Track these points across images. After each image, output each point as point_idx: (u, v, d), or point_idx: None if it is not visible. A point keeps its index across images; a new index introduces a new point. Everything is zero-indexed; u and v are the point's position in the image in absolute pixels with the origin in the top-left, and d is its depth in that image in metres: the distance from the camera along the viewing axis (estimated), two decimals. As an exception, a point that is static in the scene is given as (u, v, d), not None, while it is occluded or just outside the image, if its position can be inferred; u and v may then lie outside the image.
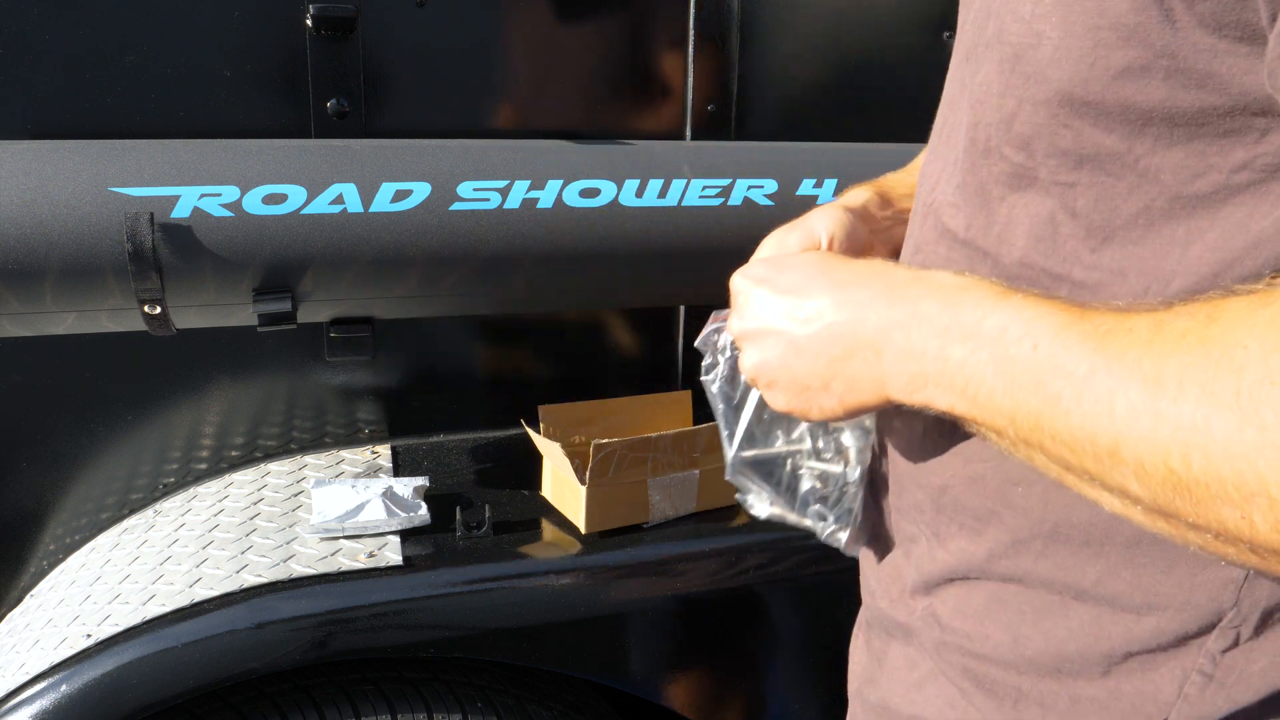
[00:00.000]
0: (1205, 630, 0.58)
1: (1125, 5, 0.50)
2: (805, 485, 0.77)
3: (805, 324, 0.62)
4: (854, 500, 0.74)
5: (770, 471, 0.77)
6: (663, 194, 1.26)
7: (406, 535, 1.27)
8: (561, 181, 1.22)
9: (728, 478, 0.76)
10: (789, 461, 0.77)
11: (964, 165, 0.63)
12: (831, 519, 0.74)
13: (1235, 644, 0.57)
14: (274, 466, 1.44)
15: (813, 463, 0.77)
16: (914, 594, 0.72)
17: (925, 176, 0.71)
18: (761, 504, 0.76)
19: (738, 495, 0.77)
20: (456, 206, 1.18)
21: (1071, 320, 0.50)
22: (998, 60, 0.59)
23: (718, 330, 0.79)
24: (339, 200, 1.13)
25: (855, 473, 0.75)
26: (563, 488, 1.34)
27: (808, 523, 0.77)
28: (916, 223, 0.71)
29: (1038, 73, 0.55)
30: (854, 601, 1.40)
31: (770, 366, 0.65)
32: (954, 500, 0.67)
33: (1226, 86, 0.49)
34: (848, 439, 0.76)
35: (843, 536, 0.74)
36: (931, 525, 0.69)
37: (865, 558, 0.81)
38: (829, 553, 1.44)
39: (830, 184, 1.34)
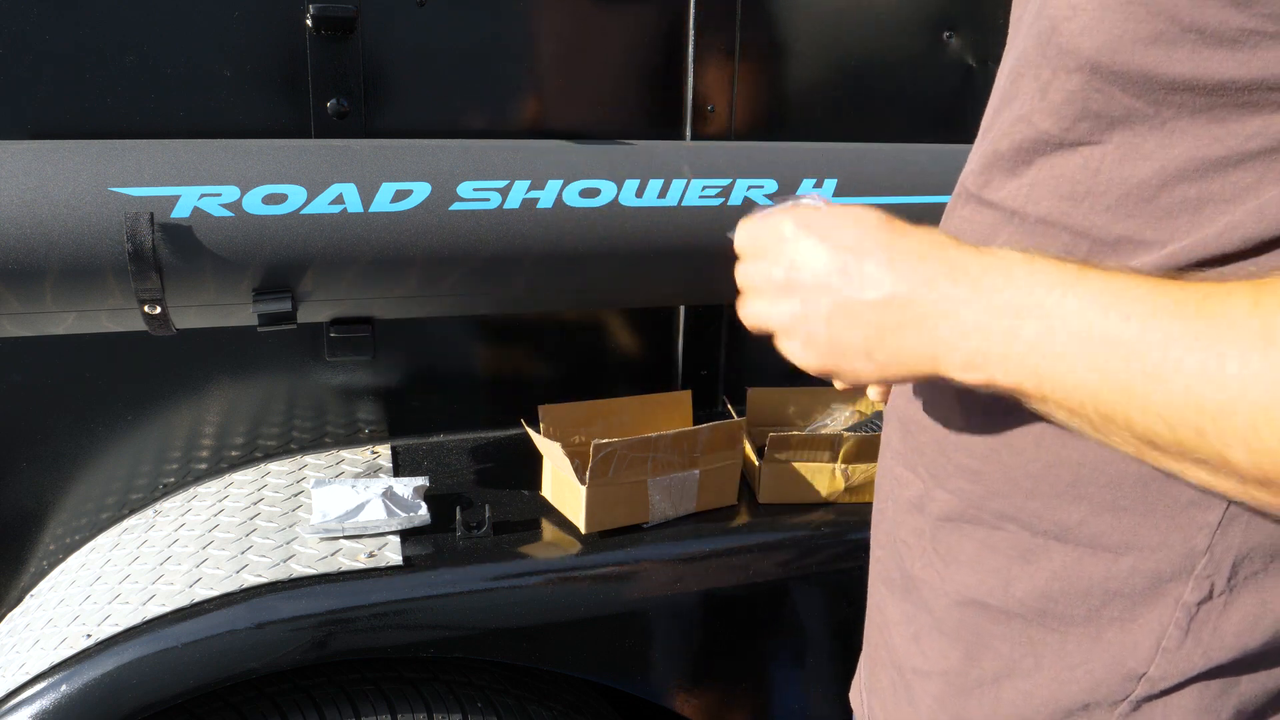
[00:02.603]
0: (1180, 575, 0.59)
1: None
2: None
3: (861, 288, 0.58)
4: None
5: None
6: (663, 194, 1.26)
7: (406, 535, 1.27)
8: (561, 181, 1.22)
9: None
10: None
11: (994, 134, 0.66)
12: None
13: (1209, 596, 0.59)
14: (274, 466, 1.44)
15: None
16: (908, 540, 0.74)
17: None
18: None
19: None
20: (456, 206, 1.18)
21: (1162, 288, 0.49)
22: (1036, 34, 0.61)
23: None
24: (339, 200, 1.13)
25: None
26: (563, 488, 1.34)
27: None
28: (950, 202, 0.75)
29: (1070, 43, 0.57)
30: (854, 601, 1.40)
31: (811, 323, 0.60)
32: (957, 441, 0.68)
33: (1249, 62, 0.51)
34: None
35: None
36: (931, 468, 0.71)
37: (874, 512, 0.84)
38: (830, 553, 1.44)
39: (830, 184, 1.34)
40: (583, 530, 1.30)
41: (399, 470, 1.44)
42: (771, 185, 1.31)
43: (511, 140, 1.27)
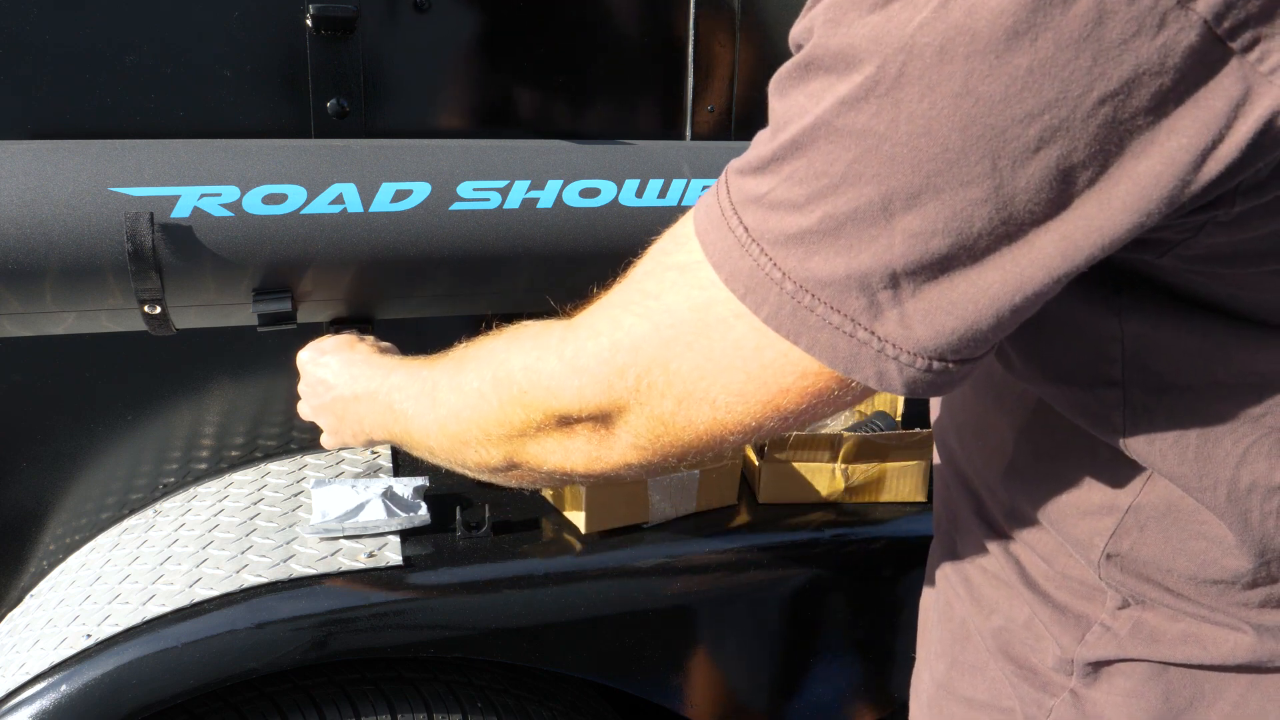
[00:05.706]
0: None
1: None
2: None
3: (324, 395, 1.07)
4: None
5: None
6: (663, 194, 1.26)
7: (406, 535, 1.27)
8: (561, 181, 1.22)
9: None
10: None
11: None
12: None
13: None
14: (274, 466, 1.44)
15: None
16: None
17: None
18: None
19: None
20: (456, 206, 1.18)
21: (415, 370, 0.90)
22: None
23: None
24: (339, 200, 1.13)
25: None
26: (563, 487, 1.34)
27: None
28: None
29: None
30: (851, 604, 1.40)
31: (318, 415, 1.10)
32: None
33: None
34: None
35: None
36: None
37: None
38: (830, 553, 1.44)
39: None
40: (583, 530, 1.30)
41: (399, 470, 1.44)
42: (771, 185, 1.31)
43: (511, 140, 1.27)
